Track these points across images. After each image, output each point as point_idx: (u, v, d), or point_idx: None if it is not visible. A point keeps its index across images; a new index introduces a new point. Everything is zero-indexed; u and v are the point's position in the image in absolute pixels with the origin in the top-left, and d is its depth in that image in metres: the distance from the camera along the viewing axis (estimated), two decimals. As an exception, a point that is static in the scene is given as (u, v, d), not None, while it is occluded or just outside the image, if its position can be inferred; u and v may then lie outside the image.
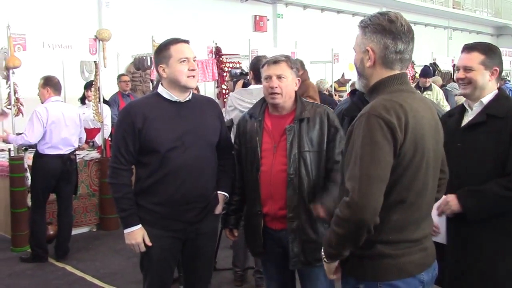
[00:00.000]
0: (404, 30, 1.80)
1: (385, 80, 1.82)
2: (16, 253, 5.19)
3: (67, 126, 5.02)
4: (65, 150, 5.01)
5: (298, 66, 2.75)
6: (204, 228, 2.73)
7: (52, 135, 4.91)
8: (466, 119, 2.56)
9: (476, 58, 2.49)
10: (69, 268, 4.84)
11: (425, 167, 1.78)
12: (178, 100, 2.65)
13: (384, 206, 1.71)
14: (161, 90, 2.68)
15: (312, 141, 2.63)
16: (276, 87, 2.62)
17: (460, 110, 2.63)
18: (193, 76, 2.63)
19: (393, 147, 1.69)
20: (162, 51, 2.62)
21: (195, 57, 2.68)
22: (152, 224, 2.63)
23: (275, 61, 2.67)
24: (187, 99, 2.68)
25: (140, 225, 2.61)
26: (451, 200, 2.43)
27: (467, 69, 2.50)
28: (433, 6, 18.03)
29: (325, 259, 1.87)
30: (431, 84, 7.23)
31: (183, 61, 2.59)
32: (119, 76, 8.00)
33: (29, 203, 5.18)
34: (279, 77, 2.64)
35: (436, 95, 6.94)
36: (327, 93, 8.57)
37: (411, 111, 1.74)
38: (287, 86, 2.65)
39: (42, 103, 5.04)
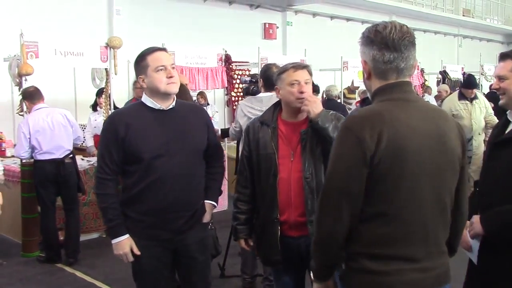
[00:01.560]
0: (391, 38, 1.74)
1: (377, 90, 1.80)
2: (26, 258, 5.23)
3: (53, 131, 5.03)
4: (58, 154, 5.04)
5: None
6: (191, 238, 2.70)
7: (41, 143, 4.97)
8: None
9: (509, 65, 2.37)
10: (79, 273, 4.87)
11: (411, 179, 1.69)
12: (161, 108, 2.63)
13: (364, 218, 1.70)
14: (144, 98, 2.66)
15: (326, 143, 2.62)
16: (306, 92, 2.63)
17: (504, 122, 2.45)
18: (174, 83, 2.60)
19: (363, 158, 1.65)
20: (140, 62, 2.61)
21: (173, 64, 2.65)
22: (139, 234, 2.61)
23: (303, 66, 2.69)
24: (171, 106, 2.66)
25: (127, 235, 2.60)
26: (475, 222, 2.28)
27: (500, 78, 2.38)
28: (443, 14, 17.99)
29: (313, 278, 1.88)
30: (475, 93, 6.83)
31: (160, 69, 2.56)
32: (135, 83, 8.04)
33: (39, 208, 5.25)
34: (306, 82, 2.66)
35: (483, 103, 6.69)
36: (337, 99, 8.58)
37: (390, 121, 1.68)
38: (310, 92, 2.68)
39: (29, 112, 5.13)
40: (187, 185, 2.64)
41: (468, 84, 6.76)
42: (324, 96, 8.13)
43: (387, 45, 1.74)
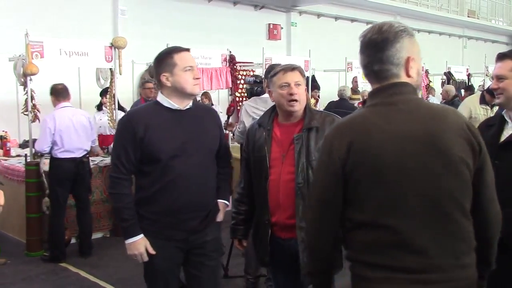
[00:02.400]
0: (365, 41, 1.72)
1: (370, 94, 1.78)
2: (30, 257, 5.25)
3: (76, 131, 5.17)
4: (77, 154, 5.17)
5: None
6: (206, 237, 2.70)
7: (63, 141, 5.07)
8: (506, 133, 2.38)
9: (508, 65, 2.37)
10: (82, 273, 4.88)
11: (389, 186, 1.62)
12: (178, 108, 2.62)
13: (350, 226, 1.71)
14: (161, 98, 2.64)
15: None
16: (296, 93, 2.59)
17: (500, 122, 2.43)
18: (198, 84, 2.62)
19: (335, 166, 1.67)
20: (165, 59, 2.59)
21: (196, 65, 2.68)
22: (154, 234, 2.60)
23: (293, 68, 2.64)
24: (188, 107, 2.66)
25: (142, 235, 2.58)
26: None
27: (499, 78, 2.38)
28: (448, 15, 17.94)
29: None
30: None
31: (188, 69, 2.57)
32: (143, 83, 8.05)
33: (44, 208, 5.28)
34: (297, 84, 2.62)
35: None
36: (349, 100, 8.62)
37: (364, 129, 1.66)
38: (302, 93, 2.64)
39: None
40: (202, 185, 2.64)
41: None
42: (337, 95, 8.17)
43: (363, 48, 1.74)
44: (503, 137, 2.38)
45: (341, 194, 1.69)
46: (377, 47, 1.69)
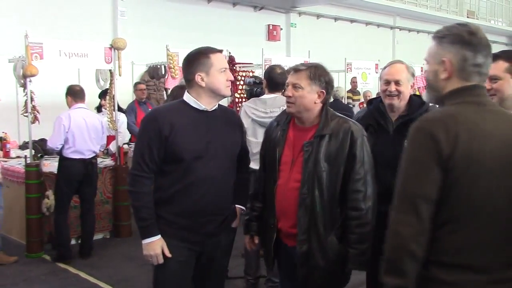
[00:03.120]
0: (483, 43, 1.72)
1: (453, 92, 1.73)
2: (30, 258, 5.25)
3: (89, 132, 5.26)
4: (87, 155, 5.25)
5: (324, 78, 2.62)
6: (221, 241, 2.68)
7: (75, 140, 5.15)
8: None
9: (501, 66, 2.37)
10: (82, 274, 4.88)
11: (485, 185, 1.61)
12: (205, 109, 2.58)
13: (436, 224, 1.63)
14: (187, 98, 2.60)
15: (330, 159, 2.46)
16: (291, 96, 2.53)
17: None
18: (230, 86, 2.61)
19: (438, 161, 1.60)
20: (201, 58, 2.53)
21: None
22: (170, 235, 2.54)
23: (296, 70, 2.58)
24: (214, 108, 2.62)
25: (159, 236, 2.52)
26: None
27: (492, 79, 2.36)
28: (448, 15, 17.95)
29: None
30: None
31: (223, 71, 2.55)
32: (135, 85, 8.08)
33: (44, 209, 5.30)
34: (294, 86, 2.53)
35: None
36: (342, 99, 8.65)
37: (465, 123, 1.62)
38: (301, 96, 2.51)
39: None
40: (222, 188, 2.59)
41: None
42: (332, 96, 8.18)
43: (481, 48, 1.72)
44: None
45: (439, 191, 1.61)
46: (490, 53, 1.75)
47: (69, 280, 4.76)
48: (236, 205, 2.74)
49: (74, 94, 5.32)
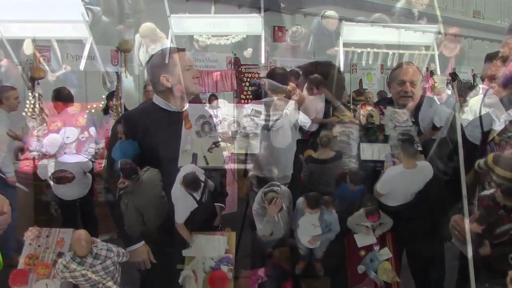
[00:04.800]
0: None
1: None
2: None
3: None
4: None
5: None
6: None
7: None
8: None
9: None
10: (90, 274, 4.89)
11: None
12: (176, 110, 2.58)
13: None
14: (157, 99, 2.59)
15: None
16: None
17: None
18: (198, 83, 2.60)
19: None
20: (164, 59, 2.53)
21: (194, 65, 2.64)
22: (153, 240, 2.56)
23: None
24: (185, 108, 2.61)
25: (143, 241, 2.54)
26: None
27: (492, 79, 2.42)
28: (453, 15, 17.88)
29: None
30: None
31: (188, 69, 2.55)
32: (144, 86, 8.09)
33: (53, 210, 5.34)
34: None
35: None
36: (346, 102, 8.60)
37: None
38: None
39: (58, 113, 5.30)
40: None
41: None
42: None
43: None
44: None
45: None
46: None
47: (77, 280, 4.78)
48: (216, 204, 2.75)
49: (63, 98, 5.42)
